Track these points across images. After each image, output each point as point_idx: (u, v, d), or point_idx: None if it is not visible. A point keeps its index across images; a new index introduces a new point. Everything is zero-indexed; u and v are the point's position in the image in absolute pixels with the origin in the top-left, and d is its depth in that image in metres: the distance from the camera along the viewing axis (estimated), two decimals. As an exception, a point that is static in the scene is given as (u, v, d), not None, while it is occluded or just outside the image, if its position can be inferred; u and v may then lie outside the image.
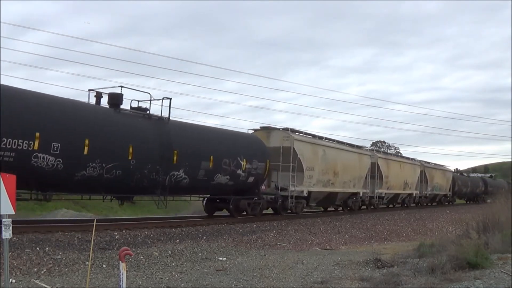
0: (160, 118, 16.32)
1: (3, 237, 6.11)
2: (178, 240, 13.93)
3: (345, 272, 9.67)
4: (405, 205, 37.72)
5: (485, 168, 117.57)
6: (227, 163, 18.16)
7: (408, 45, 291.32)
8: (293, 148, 22.00)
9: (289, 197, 21.73)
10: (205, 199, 20.21)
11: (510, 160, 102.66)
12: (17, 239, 11.00)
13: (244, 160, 19.08)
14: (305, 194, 23.01)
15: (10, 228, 6.19)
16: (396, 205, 37.38)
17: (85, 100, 15.29)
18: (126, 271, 6.24)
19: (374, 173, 30.71)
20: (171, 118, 16.76)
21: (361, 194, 28.87)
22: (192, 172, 16.66)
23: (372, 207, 31.89)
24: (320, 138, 25.92)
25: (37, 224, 13.88)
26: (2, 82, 12.05)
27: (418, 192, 39.03)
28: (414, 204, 39.19)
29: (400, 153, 66.79)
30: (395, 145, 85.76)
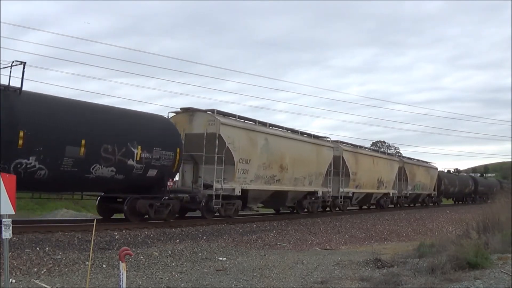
0: (5, 89, 12.08)
1: (3, 237, 6.11)
2: (178, 240, 13.93)
3: (345, 272, 9.67)
4: (381, 206, 33.17)
5: (485, 168, 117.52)
6: (109, 150, 14.02)
7: (408, 45, 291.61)
8: (219, 134, 17.64)
9: (214, 197, 17.65)
10: (98, 198, 16.48)
11: (510, 160, 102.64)
12: (17, 239, 11.00)
13: (139, 147, 14.86)
14: (237, 193, 18.62)
15: (10, 228, 6.19)
16: (371, 207, 33.42)
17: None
18: (126, 271, 6.24)
19: (339, 169, 26.11)
20: (26, 90, 12.64)
21: (320, 194, 24.31)
22: (52, 161, 12.73)
23: (337, 209, 27.87)
24: (263, 124, 20.93)
25: (37, 224, 13.88)
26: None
27: (396, 191, 34.33)
28: (392, 206, 35.32)
29: (400, 153, 66.24)
30: (395, 145, 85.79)
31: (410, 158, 39.73)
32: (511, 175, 74.27)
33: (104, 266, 9.97)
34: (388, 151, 59.01)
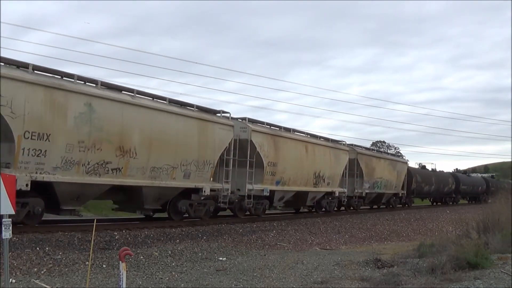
0: None
1: (3, 237, 6.12)
2: (178, 240, 13.93)
3: (345, 272, 9.67)
4: (324, 209, 25.29)
5: (485, 168, 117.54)
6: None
7: (410, 45, 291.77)
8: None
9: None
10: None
11: (510, 160, 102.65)
12: (17, 239, 10.99)
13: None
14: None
15: (10, 228, 6.19)
16: (303, 210, 25.81)
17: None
18: (126, 271, 6.24)
19: (251, 158, 18.92)
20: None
21: (206, 192, 17.03)
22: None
23: (247, 213, 20.17)
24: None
25: (37, 224, 13.86)
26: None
27: (346, 190, 26.54)
28: (343, 209, 28.68)
29: (400, 153, 65.90)
30: (395, 145, 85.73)
31: (369, 149, 32.68)
32: (511, 175, 73.97)
33: (104, 266, 9.97)
34: (388, 151, 58.64)
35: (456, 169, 63.85)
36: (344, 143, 27.69)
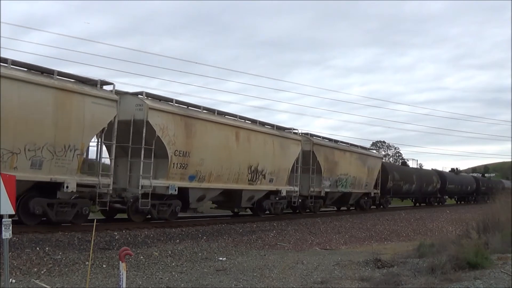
0: None
1: (3, 237, 6.12)
2: (178, 240, 13.93)
3: (345, 272, 9.68)
4: (268, 212, 20.85)
5: (485, 168, 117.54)
6: None
7: (411, 45, 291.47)
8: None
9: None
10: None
11: (510, 160, 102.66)
12: (17, 239, 10.99)
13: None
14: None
15: (10, 228, 6.19)
16: (246, 212, 21.77)
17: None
18: (126, 271, 6.24)
19: (149, 145, 14.73)
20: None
21: (70, 188, 12.81)
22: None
23: (148, 217, 15.76)
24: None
25: (37, 224, 13.86)
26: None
27: (297, 188, 21.69)
28: (293, 212, 23.49)
29: (400, 153, 65.50)
30: (396, 145, 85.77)
31: (330, 140, 26.04)
32: (511, 175, 73.65)
33: (104, 266, 9.98)
34: (389, 152, 58.38)
35: (456, 168, 62.66)
36: (296, 131, 22.26)
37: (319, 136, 25.01)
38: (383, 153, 79.94)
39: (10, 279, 8.00)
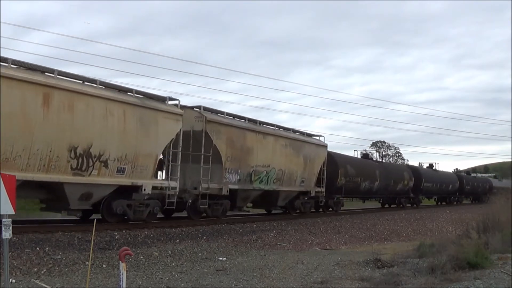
0: None
1: (3, 237, 6.12)
2: (178, 240, 13.93)
3: (345, 272, 9.67)
4: (115, 215, 14.34)
5: (485, 168, 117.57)
6: None
7: (411, 45, 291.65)
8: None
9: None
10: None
11: (510, 160, 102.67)
12: (17, 239, 11.00)
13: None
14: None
15: (10, 228, 6.19)
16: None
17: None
18: (126, 271, 6.24)
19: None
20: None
21: None
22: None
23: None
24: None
25: (37, 224, 13.88)
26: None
27: (174, 184, 15.67)
28: (166, 217, 17.83)
29: (400, 153, 65.09)
30: (395, 145, 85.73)
31: (240, 118, 19.33)
32: (511, 175, 73.31)
33: (104, 266, 9.98)
34: (389, 152, 57.85)
35: (456, 169, 61.11)
36: (176, 102, 16.04)
37: (221, 112, 18.40)
38: (383, 153, 79.92)
39: (10, 279, 7.99)
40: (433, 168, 44.39)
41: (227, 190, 17.84)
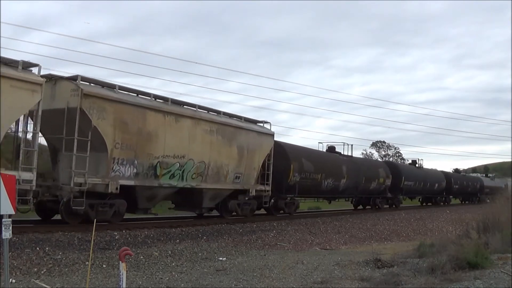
0: None
1: (3, 237, 6.12)
2: (178, 240, 13.93)
3: (345, 272, 9.67)
4: None
5: (485, 168, 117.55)
6: None
7: (412, 45, 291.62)
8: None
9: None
10: None
11: (510, 160, 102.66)
12: (17, 239, 11.00)
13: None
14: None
15: (10, 228, 6.19)
16: None
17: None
18: (126, 271, 6.24)
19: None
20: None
21: None
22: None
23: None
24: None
25: (37, 224, 13.87)
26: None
27: (29, 174, 11.46)
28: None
29: (400, 153, 64.62)
30: (396, 145, 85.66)
31: (138, 93, 15.25)
32: (511, 175, 73.18)
33: (104, 266, 9.98)
34: (389, 152, 57.46)
35: (456, 169, 59.15)
36: (36, 68, 12.14)
37: (111, 85, 14.35)
38: (383, 153, 79.94)
39: (10, 279, 7.99)
40: (417, 165, 40.07)
41: (116, 187, 13.63)
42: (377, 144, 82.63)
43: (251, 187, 19.24)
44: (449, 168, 55.11)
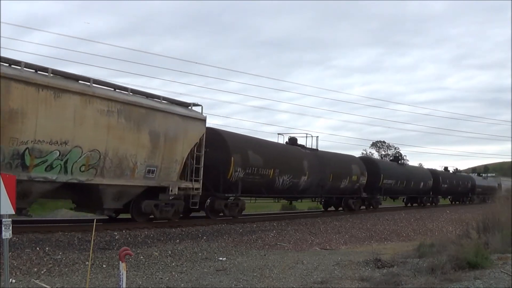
0: None
1: (3, 237, 6.12)
2: (178, 240, 13.94)
3: (345, 272, 9.67)
4: None
5: (485, 168, 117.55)
6: None
7: (412, 45, 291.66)
8: None
9: None
10: None
11: (510, 160, 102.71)
12: (17, 239, 11.00)
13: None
14: None
15: (10, 228, 6.20)
16: None
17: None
18: (126, 271, 6.24)
19: None
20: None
21: None
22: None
23: None
24: None
25: (37, 224, 13.88)
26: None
27: None
28: None
29: (400, 153, 64.52)
30: (396, 145, 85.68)
31: None
32: (511, 175, 73.11)
33: (104, 266, 9.98)
34: (389, 152, 57.30)
35: (456, 169, 58.22)
36: None
37: None
38: (383, 153, 79.91)
39: (10, 279, 7.99)
40: (400, 162, 36.11)
41: None
42: (377, 144, 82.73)
43: (172, 184, 15.44)
44: (439, 167, 51.05)
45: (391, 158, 37.91)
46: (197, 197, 16.80)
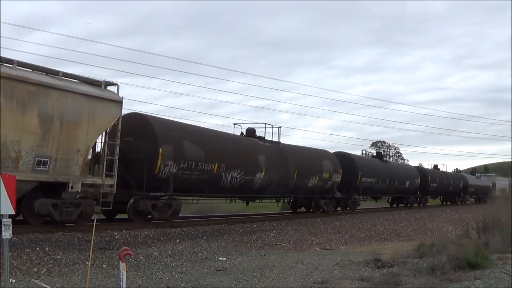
0: None
1: (3, 237, 6.12)
2: (178, 240, 13.93)
3: (345, 272, 9.67)
4: None
5: (485, 168, 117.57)
6: None
7: (412, 45, 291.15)
8: None
9: None
10: None
11: (510, 160, 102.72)
12: (17, 239, 10.99)
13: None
14: None
15: (10, 228, 6.20)
16: None
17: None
18: (126, 271, 6.24)
19: None
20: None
21: None
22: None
23: None
24: None
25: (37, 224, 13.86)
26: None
27: None
28: None
29: (400, 153, 64.21)
30: (396, 145, 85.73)
31: None
32: (511, 175, 73.10)
33: (104, 266, 9.98)
34: (390, 152, 57.23)
35: (456, 169, 57.75)
36: None
37: None
38: (383, 153, 79.87)
39: (10, 279, 7.99)
40: (383, 158, 33.20)
41: None
42: (377, 144, 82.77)
43: (73, 179, 12.59)
44: (427, 165, 47.07)
45: (373, 154, 33.96)
46: (111, 196, 13.68)
